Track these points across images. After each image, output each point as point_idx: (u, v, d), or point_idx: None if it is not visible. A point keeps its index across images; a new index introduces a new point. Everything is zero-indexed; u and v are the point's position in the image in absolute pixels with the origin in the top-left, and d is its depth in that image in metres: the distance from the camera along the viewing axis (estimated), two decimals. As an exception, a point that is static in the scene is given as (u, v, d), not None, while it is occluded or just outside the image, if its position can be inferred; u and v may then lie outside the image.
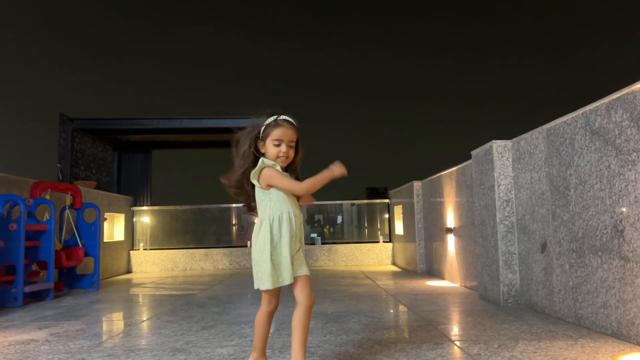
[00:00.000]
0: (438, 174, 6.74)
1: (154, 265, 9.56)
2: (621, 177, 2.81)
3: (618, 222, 2.85)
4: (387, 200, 10.29)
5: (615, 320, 2.88)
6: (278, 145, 2.11)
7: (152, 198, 11.15)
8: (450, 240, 6.20)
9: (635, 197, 2.69)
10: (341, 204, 10.98)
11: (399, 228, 9.28)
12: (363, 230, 10.74)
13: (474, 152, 4.91)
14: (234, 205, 10.68)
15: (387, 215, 10.23)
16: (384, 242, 9.99)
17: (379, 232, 10.25)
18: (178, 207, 10.50)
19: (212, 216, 10.81)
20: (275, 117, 2.15)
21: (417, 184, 7.77)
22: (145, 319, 4.19)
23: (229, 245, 10.22)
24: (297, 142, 2.18)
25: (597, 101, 3.03)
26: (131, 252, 9.56)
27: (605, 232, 2.98)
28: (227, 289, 6.26)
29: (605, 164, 2.97)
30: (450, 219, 6.19)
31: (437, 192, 6.81)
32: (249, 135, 2.16)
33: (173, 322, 3.90)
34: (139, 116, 9.17)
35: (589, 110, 3.13)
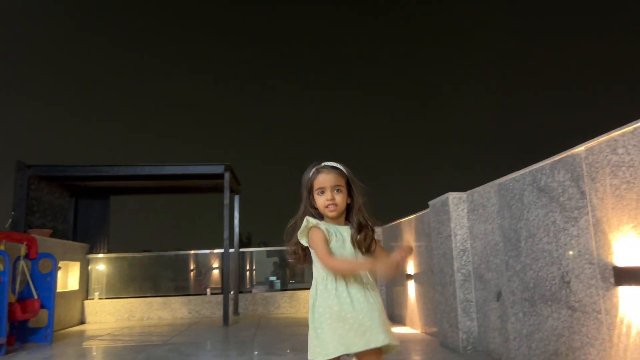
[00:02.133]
0: (398, 221, 6.95)
1: (109, 315, 9.25)
2: (565, 231, 3.06)
3: (565, 273, 3.07)
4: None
5: (566, 367, 3.06)
6: (322, 194, 1.99)
7: (109, 245, 10.89)
8: (411, 286, 6.35)
9: (579, 250, 2.92)
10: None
11: (359, 273, 9.38)
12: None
13: (431, 203, 5.14)
14: (192, 251, 10.58)
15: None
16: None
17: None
18: (136, 254, 10.29)
19: (169, 262, 10.63)
20: (316, 166, 2.05)
21: (377, 230, 7.94)
22: (105, 375, 4.08)
23: (187, 292, 10.04)
24: (349, 186, 2.03)
25: (543, 161, 3.30)
26: (85, 301, 9.24)
27: (553, 282, 3.19)
28: (187, 339, 6.16)
29: (551, 219, 3.21)
30: (410, 266, 6.36)
31: (397, 238, 7.00)
32: (304, 195, 2.05)
33: (135, 379, 3.83)
34: (99, 162, 9.08)
35: (535, 169, 3.40)
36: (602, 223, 2.73)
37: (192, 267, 10.57)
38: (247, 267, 10.76)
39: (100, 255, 9.95)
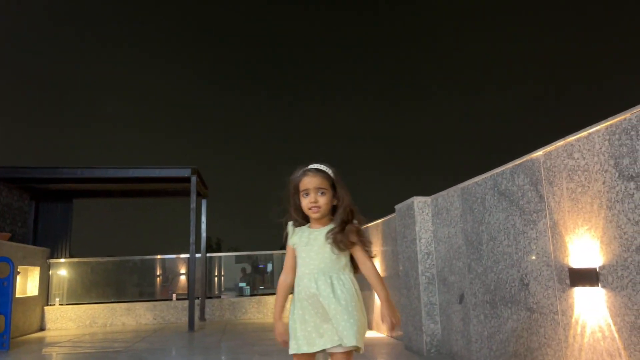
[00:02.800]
0: (365, 225, 6.97)
1: (70, 322, 8.99)
2: (525, 234, 3.12)
3: (524, 275, 3.13)
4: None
5: (524, 368, 3.12)
6: (307, 195, 2.04)
7: (71, 249, 10.59)
8: (377, 290, 6.38)
9: (537, 253, 2.99)
10: (271, 254, 10.95)
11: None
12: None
13: (397, 207, 5.18)
14: (158, 256, 10.39)
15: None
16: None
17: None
18: (99, 259, 10.04)
19: (134, 267, 10.42)
20: (303, 168, 2.11)
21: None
22: (62, 382, 3.96)
23: (152, 298, 9.84)
24: (335, 189, 2.07)
25: (503, 165, 3.37)
26: (46, 307, 8.96)
27: (513, 285, 3.26)
28: (151, 345, 6.03)
29: (511, 222, 3.28)
30: (377, 269, 6.39)
31: (364, 243, 7.02)
32: (290, 195, 2.11)
33: (93, 385, 3.72)
34: (61, 164, 8.84)
35: (496, 173, 3.46)
36: (559, 226, 2.80)
37: (158, 272, 10.38)
38: (216, 273, 10.64)
39: (62, 260, 9.67)
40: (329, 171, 2.08)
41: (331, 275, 2.00)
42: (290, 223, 2.12)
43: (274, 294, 9.96)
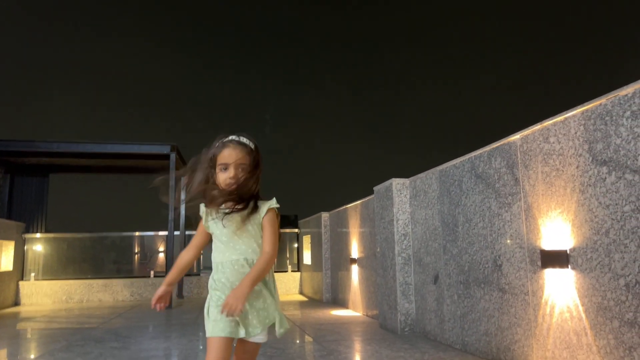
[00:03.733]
0: (344, 207, 7.01)
1: (46, 297, 8.91)
2: (499, 217, 3.17)
3: (497, 257, 3.19)
4: (296, 230, 10.45)
5: (495, 347, 3.19)
6: (225, 170, 1.81)
7: (47, 224, 10.45)
8: (354, 270, 6.44)
9: (511, 235, 3.04)
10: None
11: (307, 257, 9.44)
12: (271, 259, 10.76)
13: (376, 188, 5.21)
14: (137, 233, 10.32)
15: (296, 245, 10.37)
16: (292, 271, 10.09)
17: (287, 262, 10.35)
18: (76, 235, 9.92)
19: (112, 244, 10.33)
20: (223, 139, 1.86)
21: (325, 215, 8.01)
22: (35, 356, 3.94)
23: (130, 275, 9.79)
24: (256, 166, 1.85)
25: (481, 149, 3.40)
26: (20, 282, 8.85)
27: (487, 266, 3.31)
28: (127, 322, 6.02)
29: (487, 204, 3.32)
30: (355, 250, 6.45)
31: (343, 224, 7.07)
32: (202, 166, 1.85)
33: (67, 360, 3.71)
34: (38, 138, 8.67)
35: (474, 156, 3.49)
36: (533, 209, 2.84)
37: (136, 249, 10.31)
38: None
39: (38, 235, 9.54)
40: (252, 145, 1.86)
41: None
42: (200, 206, 1.91)
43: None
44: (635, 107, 2.15)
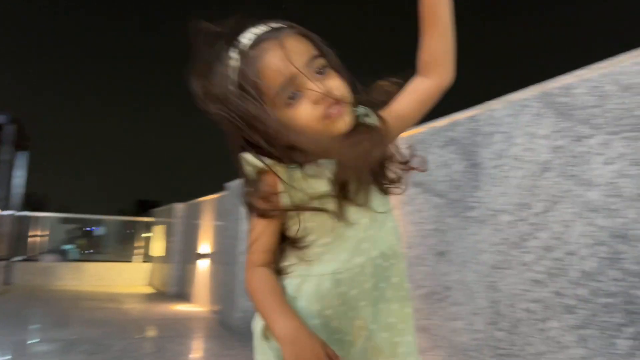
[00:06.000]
0: (199, 199, 6.88)
1: None
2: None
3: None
4: (151, 219, 10.01)
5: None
6: (293, 98, 0.91)
7: None
8: (201, 265, 6.36)
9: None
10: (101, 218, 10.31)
11: (159, 248, 9.10)
12: (121, 248, 10.23)
13: (227, 185, 5.19)
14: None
15: (149, 234, 9.94)
16: (143, 261, 9.66)
17: (135, 252, 9.88)
18: None
19: None
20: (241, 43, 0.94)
21: (179, 206, 7.78)
22: None
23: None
24: (328, 60, 0.95)
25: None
26: None
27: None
28: None
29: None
30: (204, 245, 6.36)
31: (196, 217, 6.94)
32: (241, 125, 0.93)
33: None
34: None
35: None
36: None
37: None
38: (36, 233, 9.67)
39: None
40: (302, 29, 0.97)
41: None
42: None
43: (94, 260, 9.39)
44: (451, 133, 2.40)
